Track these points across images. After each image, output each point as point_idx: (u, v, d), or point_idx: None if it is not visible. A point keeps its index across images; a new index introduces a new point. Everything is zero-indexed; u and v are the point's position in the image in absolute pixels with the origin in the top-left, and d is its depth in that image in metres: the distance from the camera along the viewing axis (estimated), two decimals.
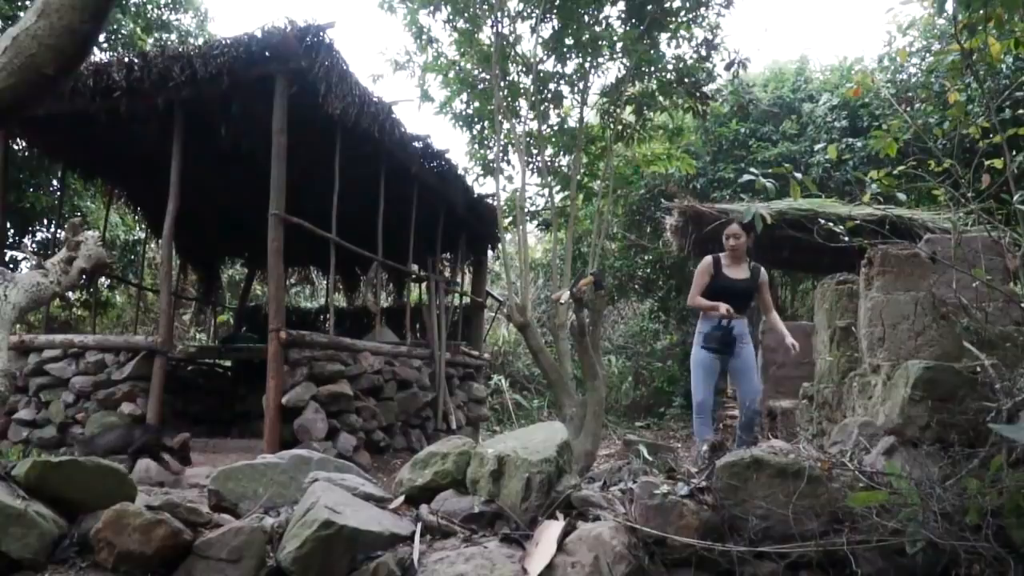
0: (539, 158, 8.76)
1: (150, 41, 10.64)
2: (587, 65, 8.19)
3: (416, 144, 7.50)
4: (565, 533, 2.09)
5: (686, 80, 8.24)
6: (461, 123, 8.95)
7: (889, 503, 2.01)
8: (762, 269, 4.79)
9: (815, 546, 1.93)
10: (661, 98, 8.47)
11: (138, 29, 10.49)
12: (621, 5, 7.99)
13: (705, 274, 4.75)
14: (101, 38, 9.20)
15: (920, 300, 3.29)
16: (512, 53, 8.23)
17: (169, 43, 10.68)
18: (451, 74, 8.48)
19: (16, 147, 8.47)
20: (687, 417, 11.79)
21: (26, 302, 3.40)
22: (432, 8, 7.93)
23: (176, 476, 5.07)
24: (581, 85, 8.35)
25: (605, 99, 8.45)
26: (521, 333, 7.17)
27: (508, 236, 8.77)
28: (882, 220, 5.76)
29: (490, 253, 11.50)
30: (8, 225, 8.47)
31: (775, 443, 2.50)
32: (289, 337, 5.75)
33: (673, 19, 7.95)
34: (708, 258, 4.86)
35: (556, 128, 8.90)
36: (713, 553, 1.96)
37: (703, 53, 8.12)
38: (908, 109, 10.04)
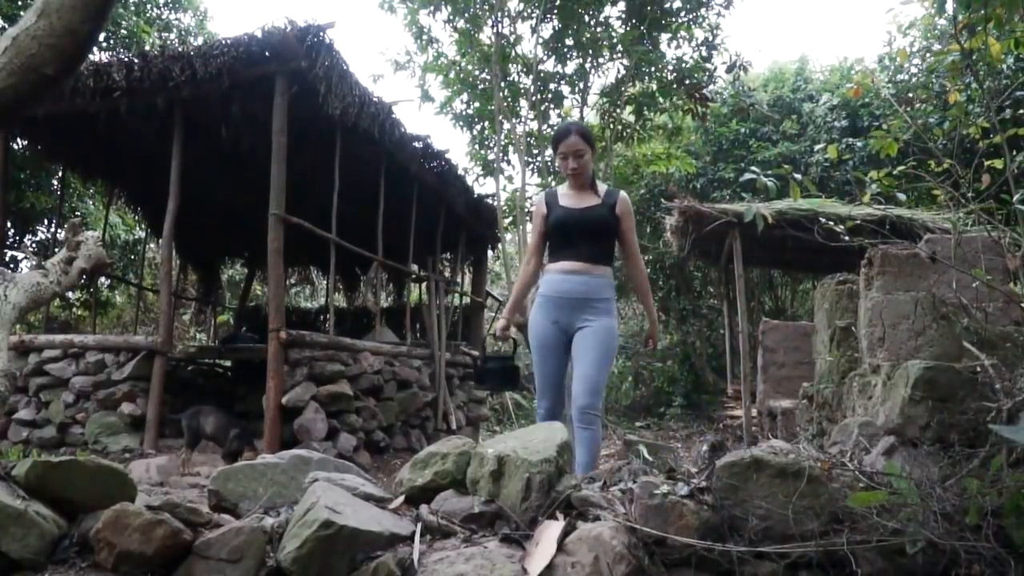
0: (539, 158, 8.77)
1: (154, 34, 10.65)
2: (587, 65, 8.20)
3: (416, 144, 7.50)
4: (565, 533, 2.09)
5: (686, 81, 8.25)
6: (461, 123, 8.97)
7: (889, 503, 2.01)
8: (622, 194, 3.22)
9: (815, 546, 1.93)
10: (661, 99, 8.48)
11: (141, 22, 10.49)
12: (621, 5, 8.01)
13: (538, 215, 3.28)
14: (101, 37, 9.20)
15: (920, 300, 3.29)
16: (512, 53, 8.25)
17: (169, 42, 10.69)
18: (451, 74, 8.50)
19: (16, 147, 8.48)
20: (687, 417, 11.80)
21: (26, 302, 3.40)
22: (432, 8, 7.96)
23: None
24: (581, 85, 8.37)
25: (605, 99, 8.46)
26: (521, 333, 7.17)
27: (508, 236, 8.78)
28: (882, 220, 5.77)
29: (490, 253, 11.49)
30: (8, 225, 8.47)
31: (775, 443, 2.50)
32: (289, 337, 5.75)
33: (673, 19, 7.98)
34: (541, 194, 3.43)
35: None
36: (713, 553, 1.96)
37: (703, 54, 8.14)
38: (908, 109, 10.04)
